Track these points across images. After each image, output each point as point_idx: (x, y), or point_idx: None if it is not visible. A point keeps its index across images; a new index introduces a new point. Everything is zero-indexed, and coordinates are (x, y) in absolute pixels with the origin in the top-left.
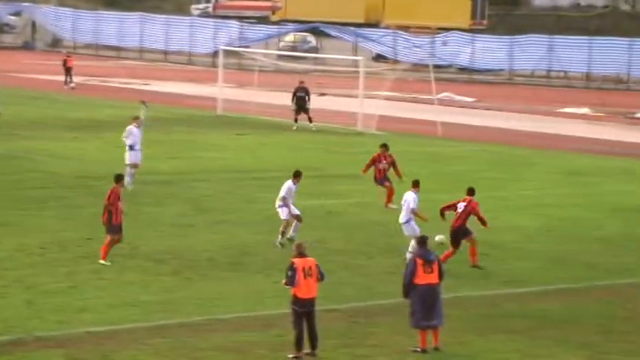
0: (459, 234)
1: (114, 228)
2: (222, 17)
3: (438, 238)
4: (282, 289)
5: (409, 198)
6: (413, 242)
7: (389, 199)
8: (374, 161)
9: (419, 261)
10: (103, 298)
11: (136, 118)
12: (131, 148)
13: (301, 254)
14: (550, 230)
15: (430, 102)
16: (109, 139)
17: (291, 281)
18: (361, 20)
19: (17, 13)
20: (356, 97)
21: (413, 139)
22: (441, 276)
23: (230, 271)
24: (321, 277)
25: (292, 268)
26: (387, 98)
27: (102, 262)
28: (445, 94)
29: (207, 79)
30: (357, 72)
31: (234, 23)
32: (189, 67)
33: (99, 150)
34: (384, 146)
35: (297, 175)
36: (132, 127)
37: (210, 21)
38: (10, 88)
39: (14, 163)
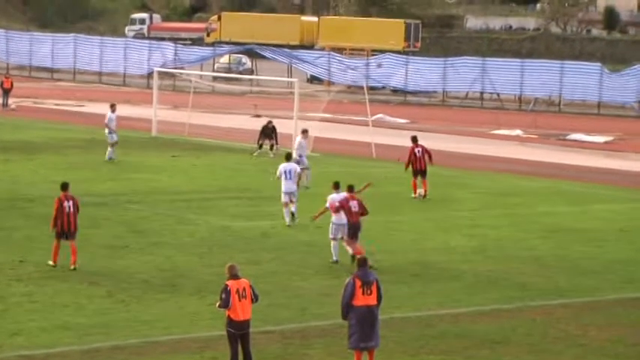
0: (357, 228)
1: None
2: (157, 39)
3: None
4: (216, 311)
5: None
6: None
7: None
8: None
9: (357, 282)
10: (36, 321)
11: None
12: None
13: (234, 276)
14: (483, 251)
15: (365, 123)
16: (41, 160)
17: (225, 303)
18: (296, 42)
19: None
20: (291, 118)
21: (348, 161)
22: (379, 297)
23: (165, 292)
24: (255, 299)
25: (226, 290)
26: (322, 120)
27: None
28: (379, 115)
29: (141, 101)
30: (292, 93)
31: (169, 45)
32: (123, 88)
33: (31, 172)
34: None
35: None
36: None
37: (145, 42)
38: None
39: None
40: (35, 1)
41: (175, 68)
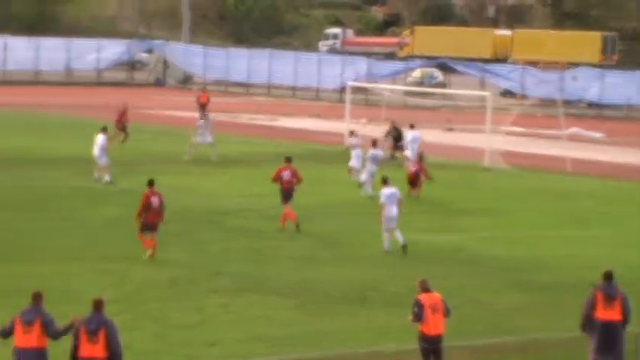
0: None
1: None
2: (350, 53)
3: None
4: (407, 325)
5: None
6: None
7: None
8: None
9: (599, 295)
10: (231, 332)
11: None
12: None
13: (426, 290)
14: None
15: (558, 137)
16: (235, 174)
17: (418, 317)
18: (489, 56)
19: (149, 51)
20: (483, 132)
21: (541, 175)
22: (625, 315)
23: (355, 305)
24: (447, 313)
25: (419, 304)
26: (515, 134)
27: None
28: (574, 129)
29: (334, 115)
30: (485, 107)
31: (362, 59)
32: (316, 102)
33: (226, 185)
34: None
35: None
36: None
37: (338, 57)
38: (142, 124)
39: None
40: (232, 18)
41: (368, 82)
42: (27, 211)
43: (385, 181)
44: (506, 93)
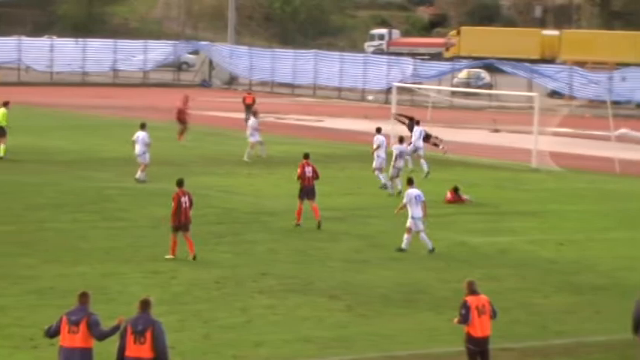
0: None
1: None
2: (396, 54)
3: None
4: (455, 327)
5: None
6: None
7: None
8: None
9: None
10: (278, 333)
11: None
12: None
13: (474, 292)
14: None
15: (607, 139)
16: (282, 174)
17: (464, 319)
18: (536, 56)
19: (195, 52)
20: (530, 133)
21: (589, 176)
22: None
23: (403, 307)
24: (494, 315)
25: (465, 306)
26: (563, 135)
27: (169, 257)
28: (623, 130)
29: (380, 116)
30: (532, 108)
31: (408, 60)
32: (362, 103)
33: (272, 186)
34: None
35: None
36: None
37: (384, 58)
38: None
39: None
40: (277, 19)
41: (414, 83)
42: (73, 212)
43: (411, 182)
44: (554, 94)
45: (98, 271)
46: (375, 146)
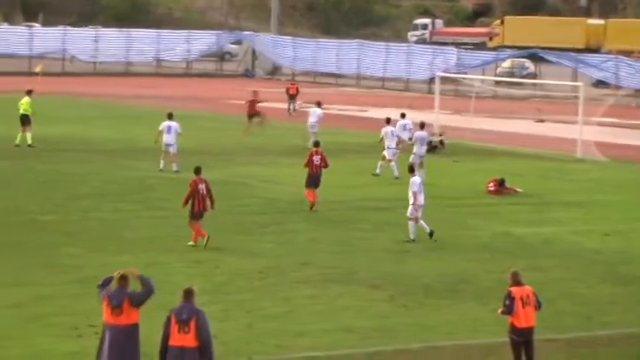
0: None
1: (196, 215)
2: (439, 44)
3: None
4: (499, 318)
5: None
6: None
7: None
8: None
9: None
10: (319, 323)
11: None
12: None
13: (518, 282)
14: None
15: None
16: None
17: (509, 310)
18: (581, 46)
19: (238, 42)
20: (575, 123)
21: (635, 166)
22: None
23: (446, 298)
24: (538, 306)
25: (510, 296)
26: (608, 124)
27: (192, 243)
28: None
29: (423, 106)
30: (577, 98)
31: (452, 49)
32: (406, 93)
33: None
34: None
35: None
36: None
37: (428, 47)
38: (231, 114)
39: (234, 189)
40: (320, 8)
41: (458, 73)
42: (116, 201)
43: (412, 169)
44: (599, 83)
45: (142, 261)
46: (382, 137)
